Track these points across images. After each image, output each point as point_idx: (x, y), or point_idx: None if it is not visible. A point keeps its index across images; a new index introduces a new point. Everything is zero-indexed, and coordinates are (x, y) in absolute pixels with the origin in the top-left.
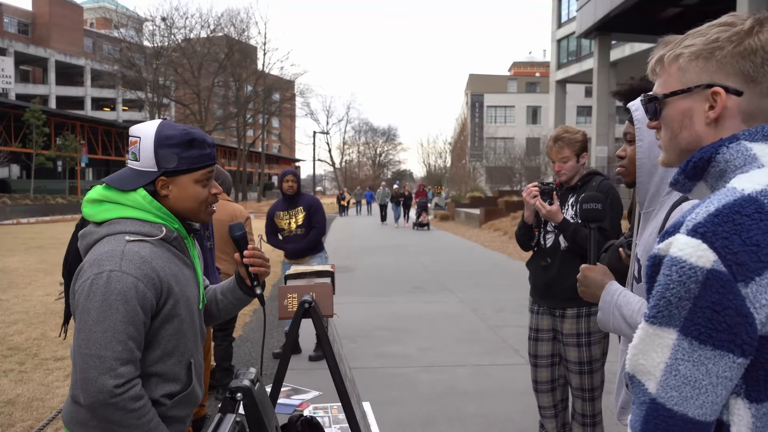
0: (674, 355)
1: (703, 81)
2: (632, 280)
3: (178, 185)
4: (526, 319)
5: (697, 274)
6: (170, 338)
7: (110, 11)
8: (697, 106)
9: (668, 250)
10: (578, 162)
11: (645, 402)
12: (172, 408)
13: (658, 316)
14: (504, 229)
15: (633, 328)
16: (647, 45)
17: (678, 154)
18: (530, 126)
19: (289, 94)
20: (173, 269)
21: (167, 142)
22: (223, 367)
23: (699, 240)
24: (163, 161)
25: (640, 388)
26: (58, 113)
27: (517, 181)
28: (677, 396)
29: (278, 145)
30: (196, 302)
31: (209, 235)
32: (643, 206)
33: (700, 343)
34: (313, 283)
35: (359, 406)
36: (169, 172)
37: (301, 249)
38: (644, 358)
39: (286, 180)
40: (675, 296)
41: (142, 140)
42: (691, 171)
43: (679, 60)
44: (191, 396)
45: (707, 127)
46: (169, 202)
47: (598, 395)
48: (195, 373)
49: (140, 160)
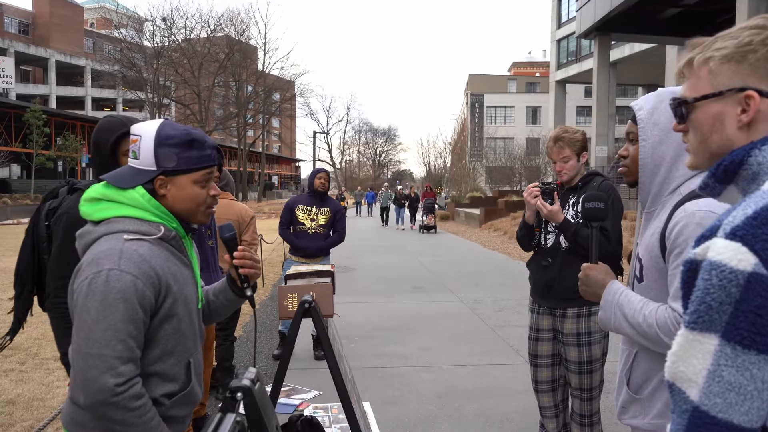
0: (717, 361)
1: (735, 84)
2: (633, 280)
3: (177, 185)
4: (526, 318)
5: (738, 278)
6: (169, 337)
7: (111, 11)
8: (728, 109)
9: (706, 255)
10: (579, 161)
11: (687, 410)
12: (171, 408)
13: (699, 322)
14: (504, 229)
15: (634, 327)
16: (647, 45)
17: (708, 157)
18: (530, 126)
19: (290, 94)
20: (171, 268)
21: (167, 142)
22: (224, 366)
23: (738, 243)
24: (162, 160)
25: (681, 396)
26: (59, 113)
27: (517, 181)
28: (722, 403)
29: (278, 145)
30: (195, 302)
31: (211, 234)
32: (645, 206)
33: (744, 348)
34: (313, 283)
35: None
36: (169, 171)
37: (320, 248)
38: (685, 365)
39: (319, 177)
40: (716, 301)
41: (142, 139)
42: (722, 174)
43: (709, 63)
44: (190, 396)
45: (739, 131)
46: (167, 201)
47: (597, 395)
48: (194, 373)
49: (140, 159)
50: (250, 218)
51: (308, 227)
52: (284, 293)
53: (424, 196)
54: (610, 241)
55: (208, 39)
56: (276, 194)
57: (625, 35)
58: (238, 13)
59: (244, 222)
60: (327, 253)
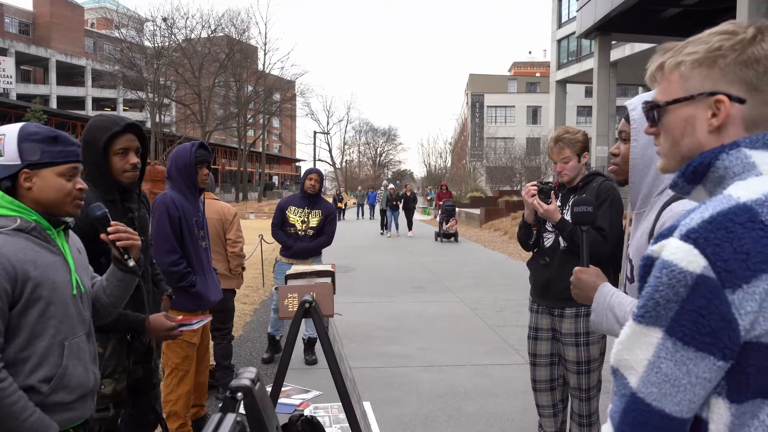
0: (657, 353)
1: (706, 89)
2: (625, 281)
3: (42, 177)
4: (526, 318)
5: (686, 278)
6: (36, 321)
7: (111, 11)
8: (699, 113)
9: (660, 253)
10: (580, 162)
11: (626, 395)
12: (51, 394)
13: (646, 316)
14: (504, 229)
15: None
16: (647, 45)
17: (679, 160)
18: (530, 126)
19: (290, 95)
20: (31, 255)
21: (31, 138)
22: (222, 365)
23: (691, 245)
24: (26, 154)
25: (622, 381)
26: (59, 113)
27: (517, 181)
28: (657, 392)
29: (279, 145)
30: (67, 287)
31: (204, 235)
32: (636, 206)
33: (684, 344)
34: (313, 283)
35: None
36: (33, 164)
37: (310, 249)
38: (629, 354)
39: (309, 178)
40: (663, 298)
41: (6, 137)
42: (690, 175)
43: (680, 67)
44: (70, 378)
45: (709, 135)
46: (32, 194)
47: (594, 395)
48: (73, 356)
49: (4, 155)
50: (233, 216)
51: (299, 229)
52: (284, 293)
53: (439, 197)
54: (608, 241)
55: (209, 39)
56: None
57: (626, 35)
58: (239, 13)
59: (227, 220)
60: (318, 254)
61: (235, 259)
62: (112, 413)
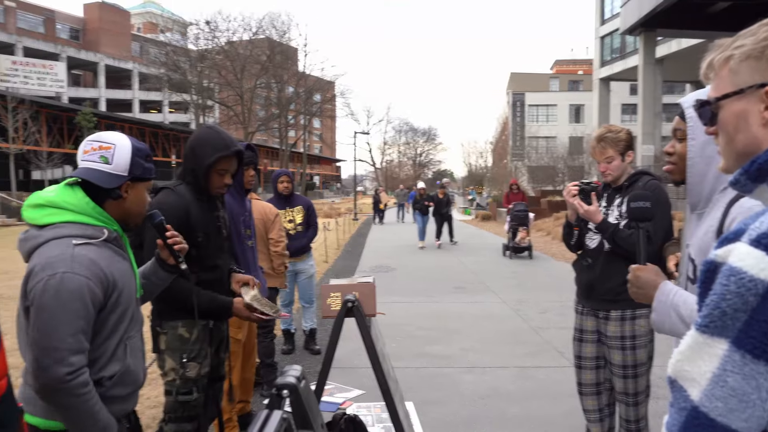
0: (723, 366)
1: (755, 81)
2: (686, 282)
3: (136, 190)
4: (570, 321)
5: (757, 287)
6: (114, 324)
7: (156, 16)
8: (751, 107)
9: (727, 259)
10: (623, 161)
11: (686, 408)
12: (111, 388)
13: (711, 326)
14: (547, 229)
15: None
16: (695, 41)
17: (735, 158)
18: (573, 125)
19: (330, 95)
20: (116, 265)
21: (139, 153)
22: (266, 363)
23: (762, 252)
24: (134, 168)
25: (681, 393)
26: (108, 115)
27: (560, 181)
28: (722, 407)
29: (320, 145)
30: (134, 291)
31: (250, 234)
32: (697, 207)
33: (754, 357)
34: (356, 282)
35: (402, 406)
36: (135, 178)
37: (303, 246)
38: (690, 365)
39: (281, 181)
40: (731, 307)
41: (117, 147)
42: (755, 173)
43: (729, 62)
44: (129, 375)
45: (764, 128)
46: (125, 203)
47: (643, 400)
48: (131, 355)
49: (112, 164)
50: (275, 216)
51: (289, 229)
52: (327, 292)
53: (508, 199)
54: (652, 243)
55: (250, 41)
56: (318, 194)
57: (672, 31)
58: (279, 15)
59: (269, 220)
60: (308, 249)
61: (278, 258)
62: (195, 396)
